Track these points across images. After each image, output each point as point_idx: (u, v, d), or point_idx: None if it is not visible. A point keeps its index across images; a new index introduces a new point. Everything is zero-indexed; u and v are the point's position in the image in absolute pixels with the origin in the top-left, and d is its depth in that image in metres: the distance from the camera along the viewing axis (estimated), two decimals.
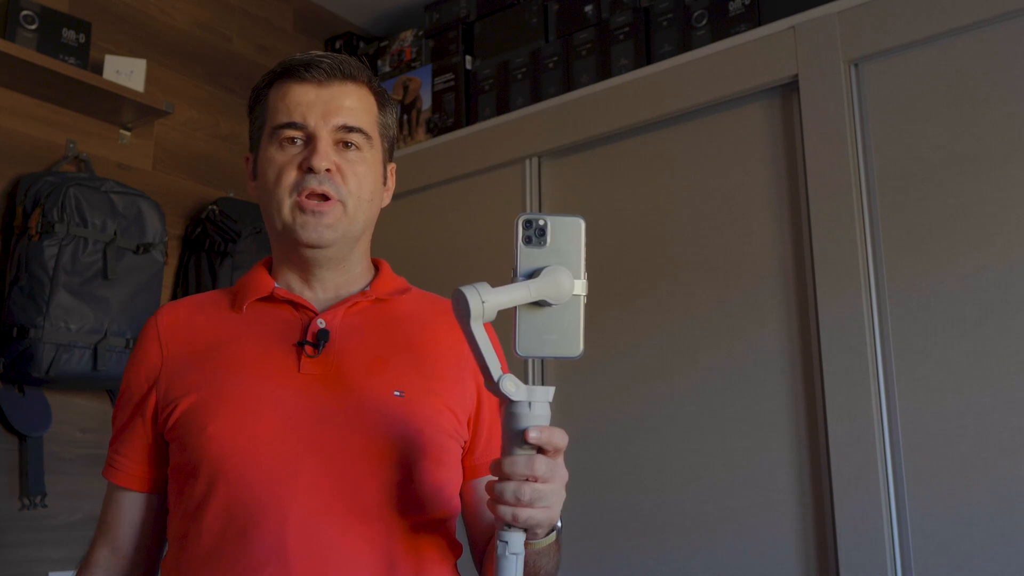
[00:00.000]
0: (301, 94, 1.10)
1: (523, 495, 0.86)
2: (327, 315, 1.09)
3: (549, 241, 0.88)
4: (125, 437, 1.13)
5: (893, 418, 1.64)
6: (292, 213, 1.07)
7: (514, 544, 0.88)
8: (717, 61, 1.97)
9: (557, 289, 0.87)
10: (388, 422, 1.03)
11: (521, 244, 0.88)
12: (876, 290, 1.70)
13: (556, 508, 0.90)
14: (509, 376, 0.87)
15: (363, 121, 1.11)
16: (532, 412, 0.87)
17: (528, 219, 0.88)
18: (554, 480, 0.89)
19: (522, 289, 0.86)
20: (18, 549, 1.93)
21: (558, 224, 0.89)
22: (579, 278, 0.88)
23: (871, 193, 1.74)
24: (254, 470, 1.00)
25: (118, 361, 1.97)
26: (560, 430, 0.89)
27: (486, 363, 0.87)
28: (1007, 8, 1.63)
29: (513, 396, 0.87)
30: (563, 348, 0.88)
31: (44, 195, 1.94)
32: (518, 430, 0.87)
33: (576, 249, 0.89)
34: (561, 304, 0.88)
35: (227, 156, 2.51)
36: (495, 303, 0.85)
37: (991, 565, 1.52)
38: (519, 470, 0.86)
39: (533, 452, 0.87)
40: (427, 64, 2.57)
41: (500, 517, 0.87)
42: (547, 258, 0.88)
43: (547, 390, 0.88)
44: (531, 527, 0.88)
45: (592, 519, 1.98)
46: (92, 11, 2.26)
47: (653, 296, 2.00)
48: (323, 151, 1.07)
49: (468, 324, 0.86)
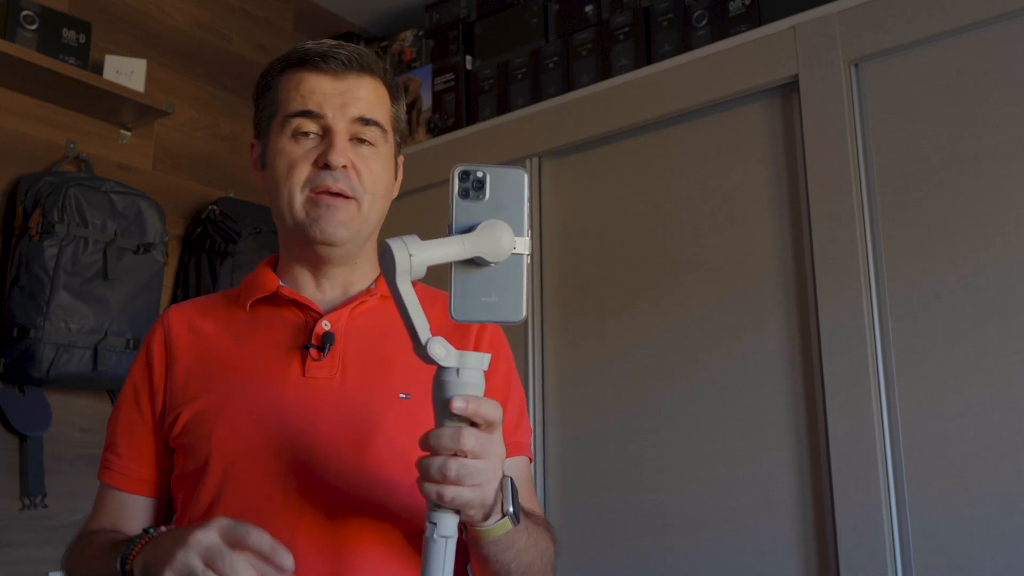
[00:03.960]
0: (317, 84, 1.07)
1: (448, 471, 0.79)
2: (332, 316, 1.07)
3: (488, 195, 0.80)
4: (128, 440, 1.11)
5: (893, 418, 1.64)
6: (305, 209, 1.05)
7: (444, 526, 0.80)
8: (717, 61, 1.97)
9: (495, 245, 0.79)
10: (394, 425, 1.02)
11: (457, 197, 0.80)
12: (876, 290, 1.70)
13: (488, 488, 0.82)
14: (438, 339, 0.79)
15: (379, 114, 1.09)
16: (461, 380, 0.79)
17: (465, 170, 0.80)
18: (486, 456, 0.81)
19: (455, 244, 0.78)
20: (18, 549, 1.93)
21: (498, 176, 0.81)
22: (521, 235, 0.80)
23: (871, 193, 1.74)
24: (261, 477, 0.99)
25: (118, 361, 1.96)
26: (493, 401, 0.81)
27: (413, 324, 0.79)
28: (1007, 8, 1.63)
29: (442, 361, 0.79)
30: (503, 312, 0.80)
31: (44, 195, 1.94)
32: (444, 399, 0.79)
33: (518, 203, 0.81)
34: (500, 263, 0.80)
35: (227, 156, 2.51)
36: (424, 258, 0.78)
37: (991, 565, 1.52)
38: (445, 443, 0.79)
39: (463, 424, 0.80)
40: (427, 64, 2.57)
41: (425, 495, 0.80)
42: (486, 213, 0.80)
43: (481, 357, 0.81)
44: (460, 507, 0.81)
45: (592, 519, 1.98)
46: (92, 11, 2.26)
47: (653, 296, 2.00)
48: (340, 147, 1.05)
49: (394, 280, 0.78)
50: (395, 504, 0.99)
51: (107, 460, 1.12)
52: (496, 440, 0.82)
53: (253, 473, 0.99)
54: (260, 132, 1.13)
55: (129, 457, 1.11)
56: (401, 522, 0.99)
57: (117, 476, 1.11)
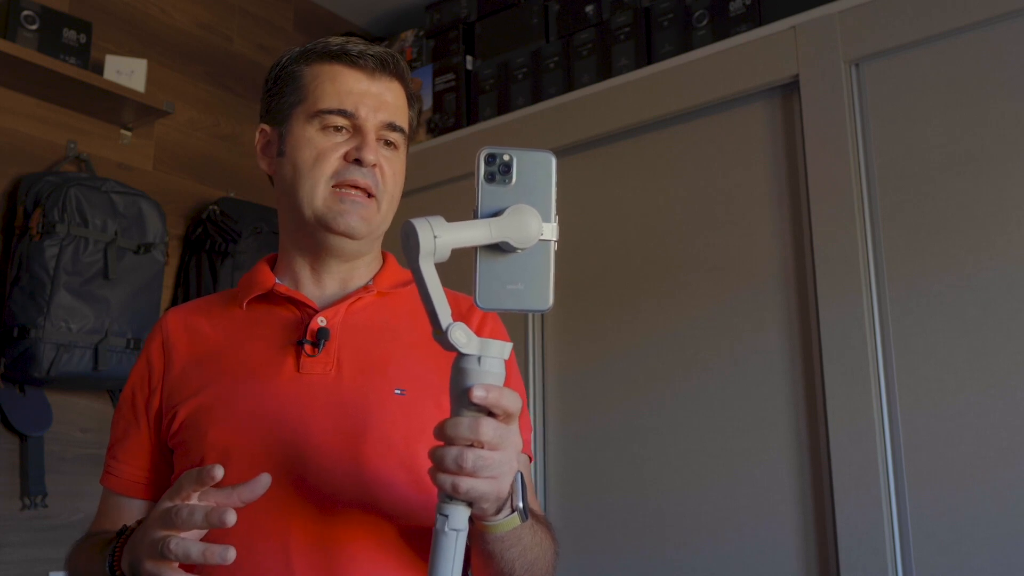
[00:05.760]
0: (353, 82, 1.08)
1: (465, 462, 0.76)
2: (328, 312, 1.07)
3: (515, 179, 0.78)
4: (125, 443, 1.12)
5: (893, 418, 1.64)
6: (328, 201, 1.06)
7: (455, 519, 0.77)
8: (718, 61, 1.97)
9: (523, 231, 0.76)
10: (389, 421, 1.02)
11: (483, 182, 0.77)
12: (876, 290, 1.70)
13: (504, 480, 0.80)
14: (460, 325, 0.76)
15: (403, 120, 1.11)
16: (482, 368, 0.76)
17: (491, 153, 0.77)
18: (503, 448, 0.79)
19: (482, 227, 0.75)
20: (18, 549, 1.93)
21: (526, 159, 0.78)
22: (549, 221, 0.78)
23: (871, 193, 1.74)
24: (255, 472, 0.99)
25: (118, 361, 1.97)
26: (513, 392, 0.79)
27: (435, 308, 0.76)
28: (1007, 8, 1.63)
29: (463, 348, 0.76)
30: (530, 300, 0.77)
31: (45, 195, 1.94)
32: (464, 388, 0.76)
33: (546, 188, 0.78)
34: (527, 249, 0.77)
35: (227, 156, 2.51)
36: (450, 240, 0.74)
37: (991, 565, 1.52)
38: (462, 433, 0.77)
39: (481, 414, 0.77)
40: (428, 64, 2.57)
41: (439, 486, 0.78)
42: (513, 198, 0.77)
43: (504, 345, 0.77)
44: (474, 500, 0.78)
45: (592, 519, 1.98)
46: (93, 11, 2.26)
47: (653, 296, 2.00)
48: (373, 145, 1.06)
49: (417, 262, 0.75)
50: (389, 500, 0.99)
51: (107, 464, 1.14)
52: (514, 431, 0.81)
53: (247, 469, 0.99)
54: (276, 119, 1.12)
55: (127, 461, 1.12)
56: (395, 518, 0.99)
57: (116, 480, 1.12)
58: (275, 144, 1.12)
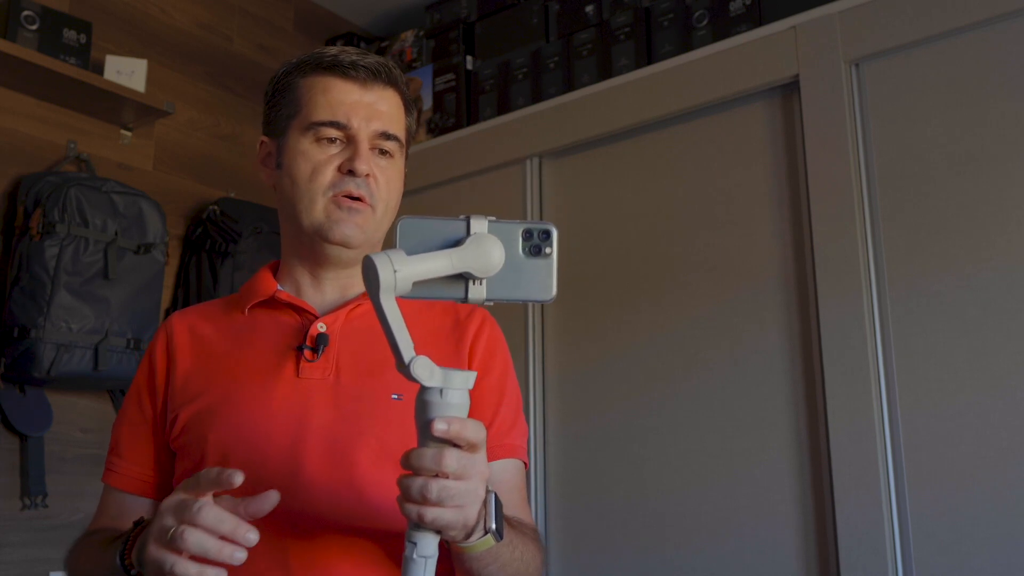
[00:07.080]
0: (345, 93, 1.09)
1: (429, 493, 0.78)
2: (328, 318, 1.09)
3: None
4: (130, 442, 1.13)
5: (893, 418, 1.64)
6: (326, 211, 1.07)
7: (424, 547, 0.79)
8: (718, 61, 1.97)
9: (485, 260, 0.78)
10: (386, 426, 1.03)
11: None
12: (876, 290, 1.70)
13: (470, 509, 0.81)
14: (422, 359, 0.78)
15: (398, 128, 1.12)
16: (444, 400, 0.78)
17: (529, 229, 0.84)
18: (468, 477, 0.80)
19: (443, 259, 0.77)
20: (18, 549, 1.93)
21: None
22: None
23: (871, 193, 1.74)
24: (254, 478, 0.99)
25: (119, 361, 1.97)
26: (475, 422, 0.80)
27: (397, 343, 0.78)
28: (1007, 8, 1.63)
29: (425, 382, 0.78)
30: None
31: (45, 195, 1.94)
32: (427, 420, 0.78)
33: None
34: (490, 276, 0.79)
35: (227, 156, 2.52)
36: (409, 273, 0.76)
37: (991, 565, 1.52)
38: (427, 464, 0.78)
39: (445, 445, 0.79)
40: (428, 64, 2.57)
41: (406, 515, 0.80)
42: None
43: (466, 375, 0.79)
44: (441, 528, 0.80)
45: (592, 519, 1.98)
46: (93, 11, 2.26)
47: (653, 296, 2.00)
48: (366, 155, 1.08)
49: (378, 296, 0.76)
50: (384, 502, 1.00)
51: (110, 462, 1.14)
52: (479, 461, 0.82)
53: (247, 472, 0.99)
54: (274, 131, 1.14)
55: (131, 459, 1.13)
56: (393, 524, 1.00)
57: (119, 477, 1.13)
58: (274, 156, 1.14)
